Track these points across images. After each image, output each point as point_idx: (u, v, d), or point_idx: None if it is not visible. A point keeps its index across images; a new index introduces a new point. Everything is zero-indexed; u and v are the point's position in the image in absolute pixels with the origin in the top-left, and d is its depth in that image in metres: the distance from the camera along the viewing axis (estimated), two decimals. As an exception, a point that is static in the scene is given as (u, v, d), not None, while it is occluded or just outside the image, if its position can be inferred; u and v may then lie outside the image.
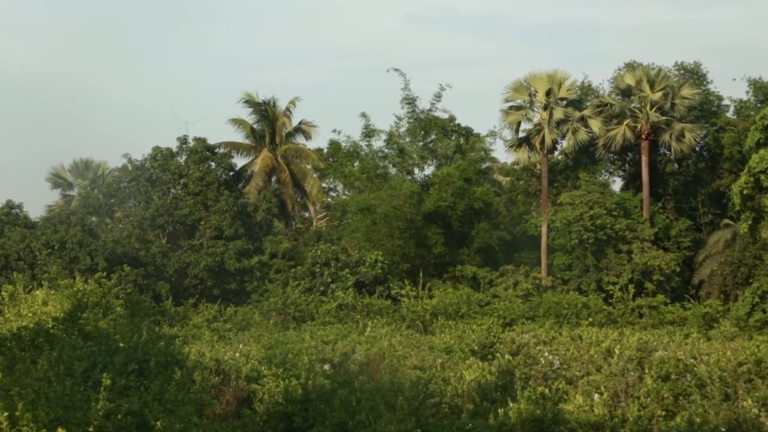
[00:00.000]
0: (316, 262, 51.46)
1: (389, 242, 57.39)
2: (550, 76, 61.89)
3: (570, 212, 57.22)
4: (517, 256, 61.69)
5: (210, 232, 56.86)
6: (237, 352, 24.61)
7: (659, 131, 61.58)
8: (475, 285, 55.46)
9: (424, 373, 20.17)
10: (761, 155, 54.02)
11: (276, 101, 70.53)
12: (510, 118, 62.35)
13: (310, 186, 70.34)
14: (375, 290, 50.25)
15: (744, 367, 17.55)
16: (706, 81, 66.21)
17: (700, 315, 48.30)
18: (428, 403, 17.54)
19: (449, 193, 59.54)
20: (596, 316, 46.59)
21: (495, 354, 24.77)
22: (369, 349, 23.51)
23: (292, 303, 46.70)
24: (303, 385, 18.18)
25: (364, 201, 58.46)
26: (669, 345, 25.84)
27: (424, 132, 63.69)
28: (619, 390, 18.31)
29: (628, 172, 66.61)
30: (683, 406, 16.51)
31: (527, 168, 66.24)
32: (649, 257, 56.60)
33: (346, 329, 34.47)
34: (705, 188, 65.30)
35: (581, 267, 57.99)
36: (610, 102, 63.06)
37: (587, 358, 22.37)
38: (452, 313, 45.85)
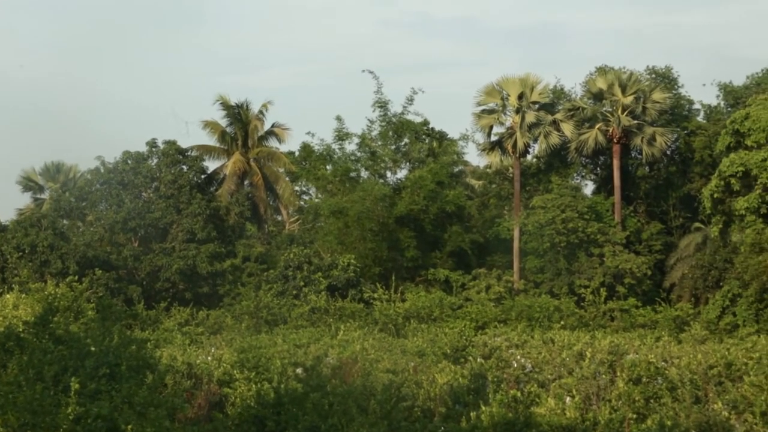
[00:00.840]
0: (289, 265, 51.35)
1: (362, 245, 57.36)
2: (522, 80, 62.07)
3: (542, 216, 57.39)
4: (489, 259, 61.79)
5: (182, 235, 56.66)
6: (209, 356, 24.52)
7: (631, 135, 61.87)
8: (447, 288, 55.48)
9: (397, 377, 20.17)
10: (731, 159, 54.37)
11: (249, 104, 70.41)
12: (482, 122, 62.49)
13: (283, 189, 70.23)
14: (347, 294, 50.17)
15: (714, 370, 17.64)
16: (677, 85, 66.59)
17: (671, 318, 48.52)
18: (400, 406, 17.53)
19: (422, 197, 59.58)
20: (568, 319, 46.69)
21: (467, 357, 24.78)
22: (341, 353, 23.48)
23: (265, 306, 46.57)
24: (275, 389, 18.14)
25: (336, 204, 58.43)
26: (640, 348, 25.93)
27: (397, 135, 63.73)
28: (591, 393, 18.37)
29: (600, 176, 66.87)
30: (654, 408, 16.57)
31: (499, 171, 66.40)
32: (620, 260, 56.82)
33: (319, 333, 34.40)
34: (676, 192, 65.64)
35: (553, 270, 58.16)
36: (582, 106, 63.31)
37: (559, 361, 22.43)
38: (425, 317, 45.85)
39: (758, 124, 54.13)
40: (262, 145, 70.63)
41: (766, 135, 53.84)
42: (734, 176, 54.21)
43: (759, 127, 54.09)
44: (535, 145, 62.82)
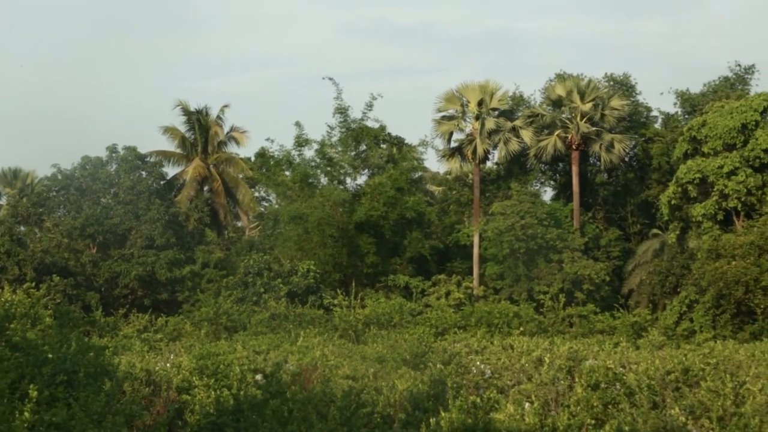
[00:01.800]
0: (249, 271, 51.23)
1: (322, 252, 57.33)
2: (482, 87, 62.32)
3: (501, 222, 57.60)
4: (449, 265, 61.94)
5: (141, 241, 56.37)
6: (168, 363, 24.39)
7: (589, 142, 62.26)
8: (407, 294, 55.55)
9: (357, 383, 20.15)
10: (689, 166, 54.87)
11: (209, 110, 70.21)
12: (442, 128, 62.67)
13: (243, 195, 70.06)
14: (307, 300, 50.13)
15: (672, 376, 17.75)
16: (635, 92, 67.12)
17: (629, 324, 48.78)
18: (360, 413, 17.53)
19: (381, 203, 59.64)
20: (527, 325, 46.84)
21: (427, 363, 24.81)
22: (301, 359, 23.44)
23: (224, 313, 46.41)
24: (234, 396, 18.08)
25: (296, 210, 58.36)
26: (599, 354, 26.07)
27: (356, 141, 63.79)
28: (550, 399, 18.44)
29: (559, 182, 67.24)
30: (612, 414, 16.66)
31: (459, 178, 66.63)
32: (579, 267, 57.12)
33: (279, 339, 34.31)
34: (634, 198, 66.11)
35: (512, 276, 58.37)
36: (541, 112, 63.64)
37: (518, 367, 22.50)
38: (384, 323, 45.85)
39: (715, 131, 54.67)
40: (221, 151, 70.43)
41: (722, 142, 54.39)
42: (691, 183, 54.71)
43: (716, 135, 54.62)
44: (495, 151, 63.10)
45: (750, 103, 55.03)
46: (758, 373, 19.26)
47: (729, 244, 50.23)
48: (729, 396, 16.09)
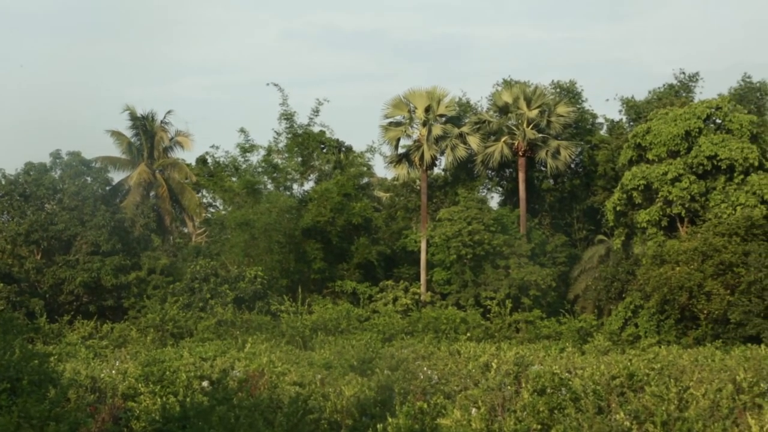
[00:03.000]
0: (195, 277, 51.00)
1: (268, 257, 57.19)
2: (429, 93, 62.45)
3: (449, 228, 57.75)
4: (396, 271, 62.01)
5: (86, 247, 55.90)
6: (113, 370, 24.23)
7: (536, 148, 62.61)
8: (354, 300, 55.56)
9: (304, 389, 20.12)
10: (633, 172, 55.35)
11: (154, 115, 69.80)
12: (389, 134, 62.74)
13: (188, 200, 69.71)
14: (254, 306, 49.98)
15: (617, 381, 17.88)
16: (581, 99, 67.59)
17: (575, 329, 49.14)
18: (307, 419, 17.51)
19: (328, 209, 59.61)
20: (474, 330, 47.03)
21: (374, 369, 24.83)
22: (248, 366, 23.36)
23: (171, 319, 46.18)
24: (181, 403, 17.99)
25: (242, 216, 58.18)
26: (545, 359, 26.22)
27: (303, 147, 63.74)
28: (496, 404, 18.52)
29: (506, 188, 67.55)
30: (558, 419, 16.76)
31: (407, 184, 66.73)
32: (525, 272, 57.39)
33: (225, 345, 34.20)
34: (580, 204, 66.56)
35: (460, 282, 58.54)
36: (487, 119, 63.91)
37: (465, 372, 22.58)
38: (332, 329, 45.83)
39: (659, 138, 55.19)
40: (167, 156, 70.07)
41: (666, 149, 54.92)
42: (636, 189, 55.18)
43: (660, 141, 55.15)
44: (442, 157, 63.24)
45: (693, 111, 55.63)
46: (701, 378, 19.48)
47: (673, 250, 50.71)
48: (673, 401, 16.24)
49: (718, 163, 53.92)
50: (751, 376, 17.55)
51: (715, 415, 16.03)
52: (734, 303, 48.53)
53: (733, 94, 63.84)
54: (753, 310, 48.25)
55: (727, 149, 53.58)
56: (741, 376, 17.34)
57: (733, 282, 49.13)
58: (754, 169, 53.76)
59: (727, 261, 49.14)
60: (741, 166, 53.49)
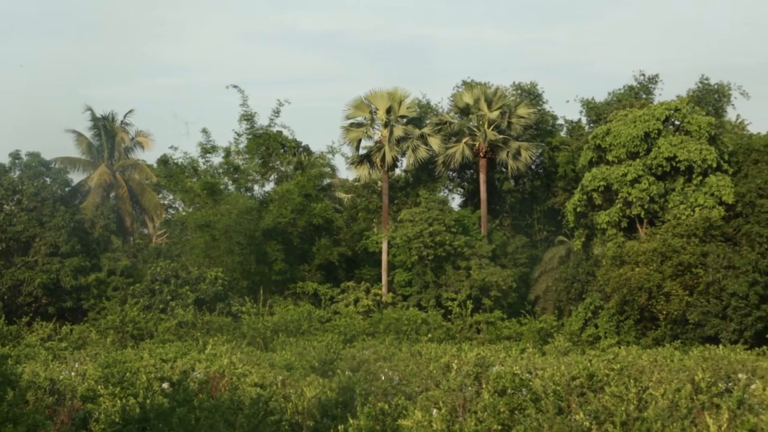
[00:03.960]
0: (156, 279, 50.79)
1: (229, 259, 57.02)
2: (390, 94, 62.47)
3: (410, 229, 57.82)
4: (358, 272, 62.01)
5: (45, 248, 55.48)
6: (72, 372, 24.09)
7: (497, 149, 62.78)
8: (316, 301, 55.52)
9: (265, 391, 20.09)
10: (593, 174, 55.64)
11: (115, 116, 69.45)
12: (351, 135, 62.71)
13: (149, 201, 69.42)
14: (215, 307, 49.83)
15: (577, 381, 17.96)
16: (542, 101, 67.85)
17: (536, 330, 49.37)
18: (268, 420, 17.49)
19: (289, 210, 59.53)
20: (435, 331, 47.15)
21: (335, 370, 24.84)
22: (209, 367, 23.29)
23: (131, 321, 45.96)
24: (141, 404, 17.91)
25: (203, 217, 57.99)
26: (506, 360, 26.32)
27: (264, 148, 63.63)
28: (457, 405, 18.57)
29: (467, 190, 67.69)
30: (519, 420, 16.82)
31: (368, 185, 66.71)
32: (486, 273, 57.55)
33: (186, 347, 34.07)
34: (540, 206, 66.82)
35: (421, 283, 58.62)
36: (449, 120, 64.03)
37: (426, 373, 22.63)
38: (293, 330, 45.79)
39: (619, 139, 55.51)
40: (127, 157, 69.74)
41: (626, 150, 55.25)
42: (596, 190, 55.47)
43: (619, 143, 55.47)
44: (403, 158, 63.29)
45: (653, 112, 55.98)
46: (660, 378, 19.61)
47: (632, 251, 51.06)
48: (632, 401, 16.34)
49: (677, 165, 54.31)
50: (709, 376, 17.69)
51: (674, 415, 16.15)
52: (693, 303, 48.95)
53: (692, 96, 64.31)
54: (711, 310, 48.69)
55: (686, 151, 53.98)
56: (699, 376, 17.47)
57: (692, 283, 49.57)
58: (712, 171, 54.19)
59: (685, 262, 49.56)
60: (699, 168, 53.90)
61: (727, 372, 20.77)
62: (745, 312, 48.34)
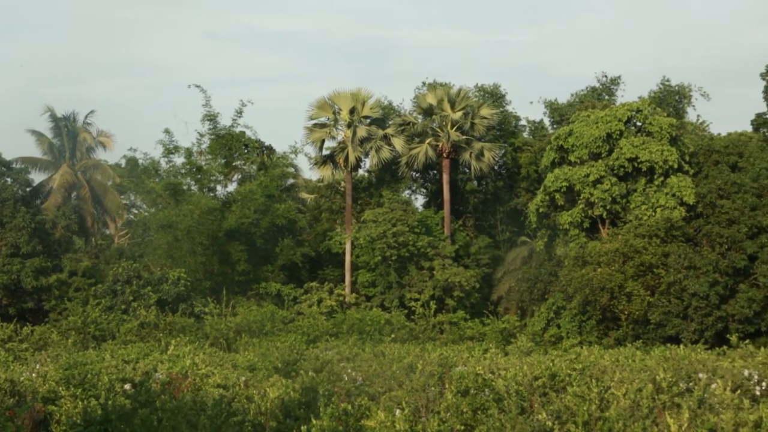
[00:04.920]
0: (118, 279, 50.55)
1: (192, 259, 56.84)
2: (353, 95, 62.44)
3: (373, 229, 57.85)
4: (321, 273, 61.96)
5: (6, 249, 55.11)
6: (33, 373, 23.93)
7: (460, 150, 62.89)
8: (279, 302, 55.42)
9: (228, 392, 20.03)
10: (556, 174, 55.88)
11: (76, 116, 69.07)
12: (314, 136, 62.63)
13: (111, 202, 69.08)
14: (178, 308, 49.67)
15: (539, 381, 18.04)
16: (505, 102, 68.03)
17: (499, 330, 49.50)
18: (231, 421, 17.44)
19: (252, 210, 59.40)
20: (399, 332, 47.18)
21: (299, 371, 24.82)
22: (171, 368, 23.20)
23: (92, 322, 45.73)
24: (102, 406, 17.81)
25: (165, 218, 57.78)
26: (468, 360, 26.37)
27: (226, 148, 63.46)
28: (420, 405, 18.60)
29: (430, 190, 67.77)
30: (481, 420, 16.87)
31: (331, 185, 66.65)
32: (450, 274, 57.67)
33: (148, 348, 33.95)
34: (503, 206, 67.00)
35: (384, 284, 58.66)
36: (412, 121, 64.07)
37: (389, 374, 22.64)
38: (256, 331, 45.70)
39: (581, 140, 55.78)
40: (89, 157, 69.35)
41: (588, 151, 55.52)
42: (558, 191, 55.72)
43: (581, 144, 55.74)
44: (367, 159, 63.31)
45: (614, 113, 56.28)
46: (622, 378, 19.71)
47: (595, 251, 51.33)
48: (594, 401, 16.43)
49: (639, 165, 54.63)
50: (670, 376, 17.80)
51: (636, 415, 16.25)
52: (654, 304, 49.27)
53: (653, 97, 64.71)
54: (672, 310, 49.04)
55: (647, 151, 54.30)
56: (660, 376, 17.58)
57: (653, 283, 49.90)
58: (673, 171, 54.54)
59: (647, 262, 49.88)
60: (661, 168, 54.24)
61: (688, 372, 20.90)
62: (705, 312, 48.71)
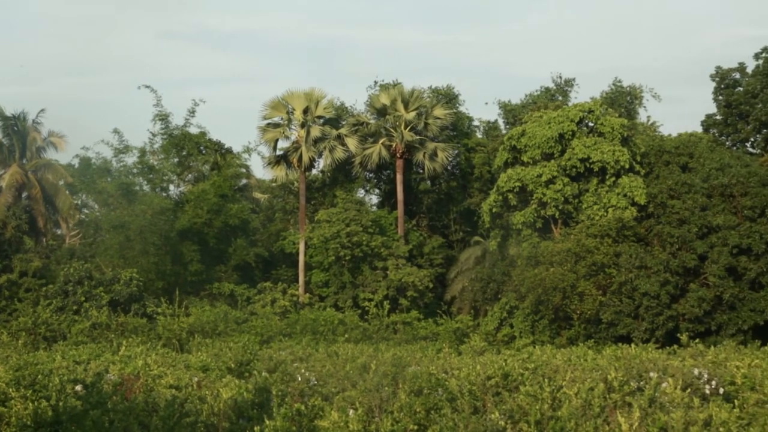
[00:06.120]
0: (69, 280, 50.16)
1: (144, 259, 56.52)
2: (307, 95, 62.34)
3: (327, 229, 57.81)
4: (274, 273, 61.82)
5: (-45, 249, 54.58)
6: (-17, 375, 23.67)
7: (413, 150, 62.97)
8: (232, 302, 55.24)
9: (180, 392, 19.94)
10: (509, 175, 56.12)
11: (26, 115, 68.33)
12: (268, 136, 62.47)
13: (62, 202, 68.44)
14: (130, 308, 49.38)
15: (492, 381, 18.11)
16: (458, 103, 68.21)
17: (452, 330, 49.63)
18: (184, 422, 17.37)
19: (205, 210, 59.15)
20: (352, 332, 47.19)
21: (252, 371, 24.75)
22: (123, 369, 23.07)
23: (43, 323, 45.35)
24: (53, 407, 17.68)
25: (117, 218, 57.43)
26: (422, 360, 26.44)
27: (179, 148, 63.18)
28: (374, 405, 18.62)
29: (384, 190, 67.85)
30: (434, 419, 16.91)
31: (285, 185, 66.53)
32: (403, 274, 57.75)
33: (100, 349, 33.73)
34: (457, 206, 67.20)
35: (338, 284, 58.64)
36: (366, 121, 64.09)
37: (343, 374, 22.65)
38: (209, 331, 45.54)
39: (534, 140, 56.05)
40: (40, 157, 68.70)
41: (541, 151, 55.81)
42: (511, 191, 55.95)
43: (534, 144, 56.01)
44: (320, 159, 63.24)
45: (567, 114, 56.59)
46: (574, 377, 19.85)
47: (547, 251, 51.60)
48: (546, 400, 16.52)
49: (591, 166, 54.95)
50: (621, 375, 17.94)
51: (587, 414, 16.37)
52: (606, 303, 49.61)
53: (605, 98, 65.15)
54: (623, 310, 49.40)
55: (599, 152, 54.64)
56: (612, 375, 17.72)
57: (605, 282, 50.25)
58: (624, 172, 54.93)
59: (599, 262, 50.21)
60: (612, 169, 54.61)
61: (639, 371, 21.08)
62: (656, 311, 49.11)
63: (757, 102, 66.52)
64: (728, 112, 67.00)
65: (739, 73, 68.98)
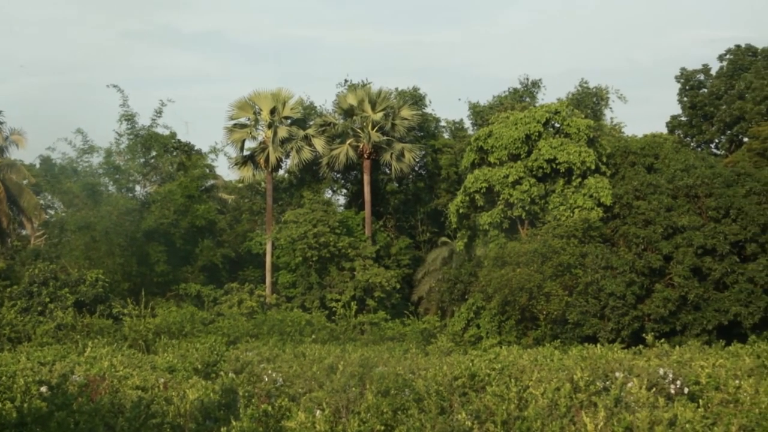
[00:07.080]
0: (34, 281, 49.84)
1: (110, 260, 56.25)
2: (274, 95, 62.26)
3: (294, 230, 57.74)
4: (241, 273, 61.70)
5: None
6: (-53, 376, 23.48)
7: (380, 151, 63.04)
8: (199, 303, 55.09)
9: (146, 393, 19.86)
10: (476, 175, 56.23)
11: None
12: (234, 136, 62.33)
13: (27, 202, 67.99)
14: (96, 309, 49.12)
15: (459, 381, 18.14)
16: (425, 104, 68.35)
17: (419, 331, 49.71)
18: (150, 423, 17.30)
19: (171, 210, 58.95)
20: (319, 333, 47.17)
21: (218, 372, 24.68)
22: (89, 370, 22.94)
23: (8, 324, 45.07)
24: (18, 408, 17.57)
25: (82, 219, 57.12)
26: (389, 361, 26.44)
27: (145, 149, 62.92)
28: (341, 406, 18.61)
29: (351, 191, 67.86)
30: (401, 420, 16.93)
31: (252, 186, 66.42)
32: (370, 274, 57.77)
33: (65, 350, 33.53)
34: (424, 207, 67.30)
35: (305, 284, 58.58)
36: (333, 121, 64.08)
37: (310, 374, 22.62)
38: (176, 332, 45.39)
39: (500, 141, 56.18)
40: (2, 157, 68.21)
41: (507, 152, 55.94)
42: (478, 192, 56.07)
43: (501, 145, 56.14)
44: (288, 160, 63.18)
45: (533, 115, 56.76)
46: (540, 378, 19.90)
47: (514, 251, 51.72)
48: (513, 400, 16.57)
49: (557, 167, 55.13)
50: (587, 375, 18.01)
51: (554, 414, 16.42)
52: (572, 303, 49.79)
53: (571, 99, 65.41)
54: (590, 310, 49.60)
55: (566, 153, 54.84)
56: (578, 375, 17.78)
57: (571, 283, 50.42)
58: (591, 173, 55.16)
59: (565, 262, 50.39)
60: (579, 170, 54.81)
61: (605, 371, 21.15)
62: (622, 312, 49.34)
63: (721, 103, 67.04)
64: (693, 114, 67.48)
65: (704, 74, 69.50)
